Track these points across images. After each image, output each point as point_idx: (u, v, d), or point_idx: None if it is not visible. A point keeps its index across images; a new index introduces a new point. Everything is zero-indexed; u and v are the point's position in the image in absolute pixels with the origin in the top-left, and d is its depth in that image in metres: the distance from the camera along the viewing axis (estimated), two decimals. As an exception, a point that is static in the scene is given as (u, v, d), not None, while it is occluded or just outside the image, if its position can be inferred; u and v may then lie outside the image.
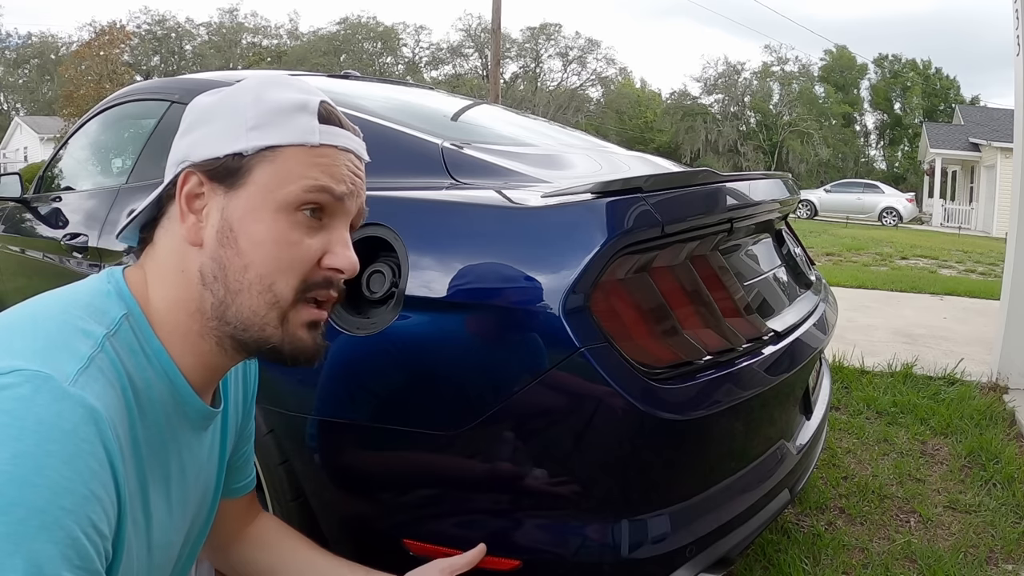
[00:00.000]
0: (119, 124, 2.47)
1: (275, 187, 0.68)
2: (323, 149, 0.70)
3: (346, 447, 1.18)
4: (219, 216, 0.69)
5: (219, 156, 0.69)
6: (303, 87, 0.73)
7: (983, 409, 2.77)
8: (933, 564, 1.73)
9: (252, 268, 0.67)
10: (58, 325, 0.62)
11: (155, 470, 0.68)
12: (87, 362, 0.60)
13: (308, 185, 0.68)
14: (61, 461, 0.54)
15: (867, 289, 6.01)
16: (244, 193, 0.68)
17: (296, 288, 0.69)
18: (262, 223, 0.68)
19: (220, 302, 0.68)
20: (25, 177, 2.71)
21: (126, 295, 0.69)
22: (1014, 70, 3.22)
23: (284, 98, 0.70)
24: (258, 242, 0.67)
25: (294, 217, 0.68)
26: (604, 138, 2.70)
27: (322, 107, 0.71)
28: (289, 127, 0.69)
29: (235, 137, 0.69)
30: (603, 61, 45.09)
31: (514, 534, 1.10)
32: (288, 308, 0.69)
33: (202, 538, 0.85)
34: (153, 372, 0.68)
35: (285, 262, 0.68)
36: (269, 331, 0.69)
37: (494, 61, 14.76)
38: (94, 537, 0.56)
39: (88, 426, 0.56)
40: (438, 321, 1.10)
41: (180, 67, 40.50)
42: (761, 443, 1.36)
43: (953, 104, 35.47)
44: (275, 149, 0.68)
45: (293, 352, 0.71)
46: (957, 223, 21.30)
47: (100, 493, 0.57)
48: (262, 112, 0.69)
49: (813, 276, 1.92)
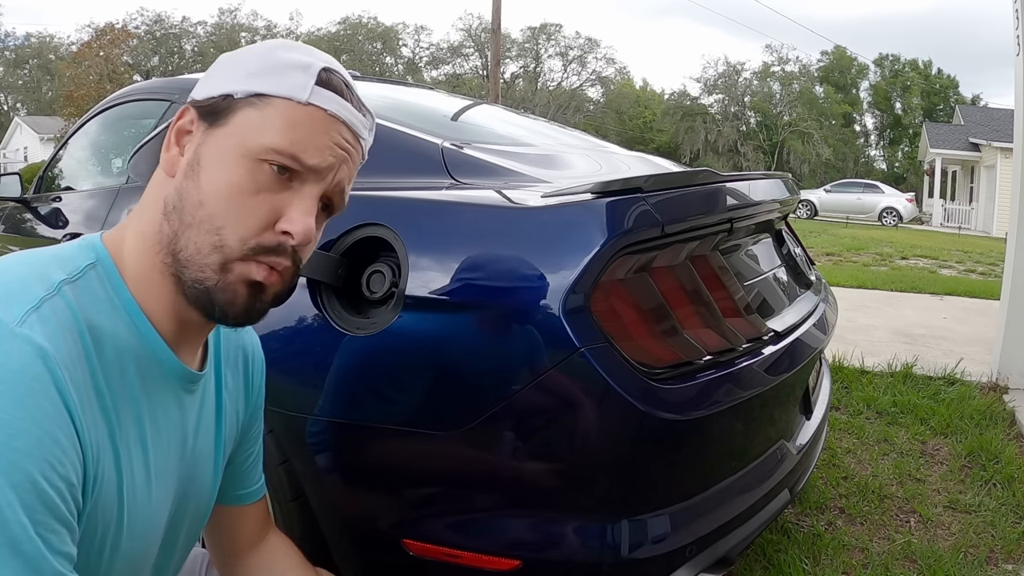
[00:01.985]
0: (119, 124, 2.47)
1: (249, 133, 0.67)
2: (311, 109, 0.68)
3: (346, 447, 1.18)
4: (193, 150, 0.68)
5: (213, 95, 0.69)
6: (314, 53, 0.72)
7: (983, 409, 2.77)
8: (933, 564, 1.73)
9: (205, 206, 0.66)
10: (18, 275, 0.61)
11: (127, 425, 0.66)
12: (38, 303, 0.58)
13: (277, 144, 0.66)
14: (12, 402, 0.53)
15: (867, 289, 6.02)
16: (221, 132, 0.68)
17: (243, 240, 0.66)
18: (224, 164, 0.67)
19: (173, 233, 0.67)
20: (25, 177, 2.71)
21: (97, 247, 0.68)
22: (1014, 70, 3.22)
23: (289, 56, 0.70)
24: (216, 181, 0.66)
25: (258, 167, 0.66)
26: (604, 138, 2.70)
27: (324, 71, 0.69)
28: (283, 80, 0.68)
29: (233, 80, 0.69)
30: (603, 61, 45.12)
31: (514, 534, 1.10)
32: (233, 258, 0.66)
33: (196, 527, 0.82)
34: (121, 322, 0.66)
35: (235, 210, 0.66)
36: (207, 273, 0.66)
37: (494, 61, 14.76)
38: (57, 482, 0.54)
39: (36, 365, 0.55)
40: (438, 321, 1.10)
41: (180, 67, 40.50)
42: (761, 443, 1.36)
43: (953, 104, 35.50)
44: (263, 97, 0.67)
45: (224, 304, 0.67)
46: (957, 223, 21.30)
47: (58, 435, 0.55)
48: (264, 63, 0.69)
49: (813, 276, 1.92)
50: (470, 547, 1.11)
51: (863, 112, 44.70)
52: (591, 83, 45.07)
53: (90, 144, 2.55)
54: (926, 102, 40.95)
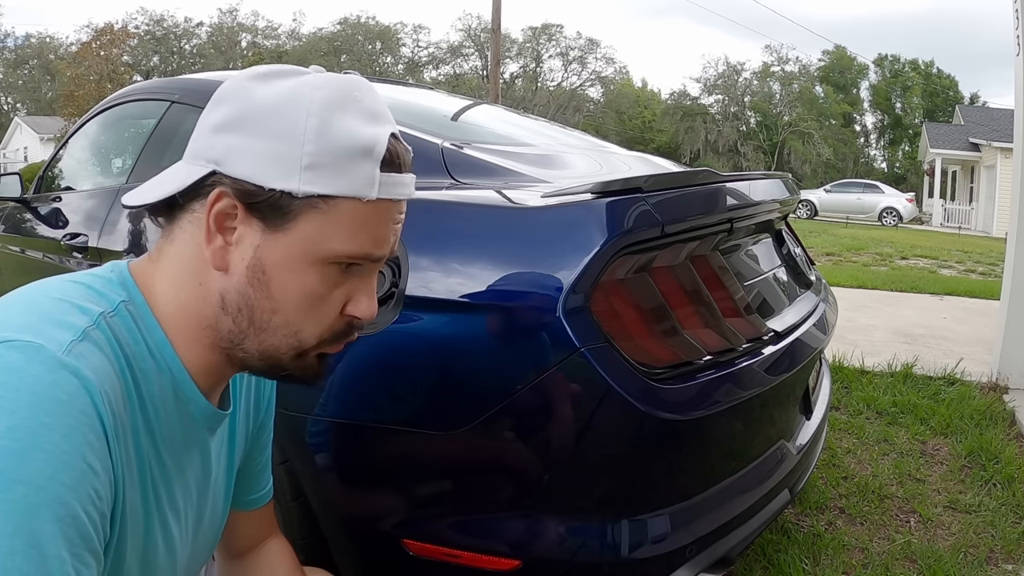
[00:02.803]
0: (119, 124, 2.47)
1: (318, 241, 0.63)
2: (379, 204, 0.64)
3: (346, 447, 1.18)
4: (252, 253, 0.64)
5: (263, 187, 0.61)
6: (374, 113, 0.65)
7: (983, 409, 2.77)
8: (933, 564, 1.73)
9: (280, 314, 0.66)
10: (54, 303, 0.60)
11: (155, 464, 0.66)
12: (82, 335, 0.58)
13: (350, 251, 0.64)
14: (59, 434, 0.52)
15: (867, 289, 6.01)
16: (285, 239, 0.63)
17: (319, 336, 0.68)
18: (296, 274, 0.64)
19: (241, 332, 0.67)
20: (25, 177, 2.71)
21: (129, 284, 0.66)
22: (1014, 70, 3.22)
23: (351, 135, 0.62)
24: (290, 292, 0.65)
25: (328, 269, 0.65)
26: (604, 138, 2.70)
27: (389, 153, 0.64)
28: (348, 176, 0.62)
29: (287, 172, 0.61)
30: (603, 61, 45.12)
31: (514, 534, 1.10)
32: (309, 348, 0.69)
33: (212, 549, 0.83)
34: (155, 364, 0.65)
35: (312, 315, 0.67)
36: (285, 361, 0.69)
37: (494, 61, 14.76)
38: (93, 515, 0.54)
39: (83, 397, 0.55)
40: (438, 321, 1.10)
41: (180, 67, 40.50)
42: (761, 443, 1.36)
43: (952, 103, 35.50)
44: (328, 199, 0.62)
45: (300, 377, 0.71)
46: (957, 223, 21.30)
47: (97, 467, 0.55)
48: (323, 149, 0.61)
49: (813, 276, 1.92)
50: (470, 547, 1.11)
51: (863, 112, 44.73)
52: (591, 83, 45.09)
53: (90, 144, 2.55)
54: (926, 102, 40.95)
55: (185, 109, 1.91)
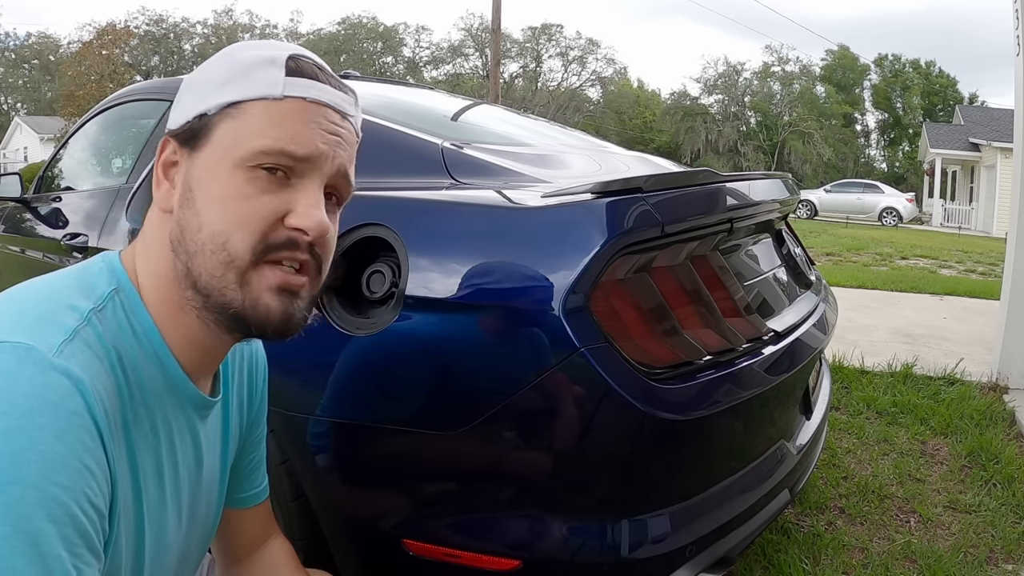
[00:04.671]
0: (119, 124, 2.47)
1: (233, 144, 0.64)
2: (287, 102, 0.65)
3: (346, 447, 1.18)
4: (182, 180, 0.66)
5: (188, 119, 0.67)
6: (277, 45, 0.69)
7: (983, 409, 2.77)
8: (933, 564, 1.73)
9: (205, 227, 0.64)
10: (44, 301, 0.60)
11: (145, 455, 0.66)
12: (72, 334, 0.58)
13: (263, 145, 0.64)
14: (53, 435, 0.52)
15: (867, 289, 6.01)
16: (205, 152, 0.66)
17: (252, 245, 0.64)
18: (217, 180, 0.64)
19: (185, 267, 0.65)
20: (25, 177, 2.71)
21: (118, 271, 0.67)
22: (1014, 70, 3.22)
23: (251, 54, 0.67)
24: (212, 199, 0.64)
25: (252, 174, 0.64)
26: (604, 138, 2.70)
27: (291, 60, 0.67)
28: (252, 81, 0.65)
29: (203, 98, 0.67)
30: (603, 61, 45.12)
31: (514, 534, 1.10)
32: (247, 268, 0.64)
33: (206, 543, 0.83)
34: (142, 352, 0.65)
35: (237, 217, 0.63)
36: (229, 295, 0.64)
37: (494, 61, 14.75)
38: (91, 514, 0.54)
39: (75, 398, 0.55)
40: (438, 321, 1.10)
41: (179, 67, 40.50)
42: (761, 443, 1.36)
43: (952, 103, 35.49)
44: (237, 105, 0.65)
45: (259, 320, 0.65)
46: (957, 223, 21.29)
47: (93, 467, 0.55)
48: (228, 70, 0.67)
49: (813, 276, 1.92)
50: (470, 547, 1.11)
51: (864, 112, 44.73)
52: (591, 83, 45.09)
53: (90, 144, 2.56)
54: (926, 102, 40.94)
55: (185, 109, 1.91)
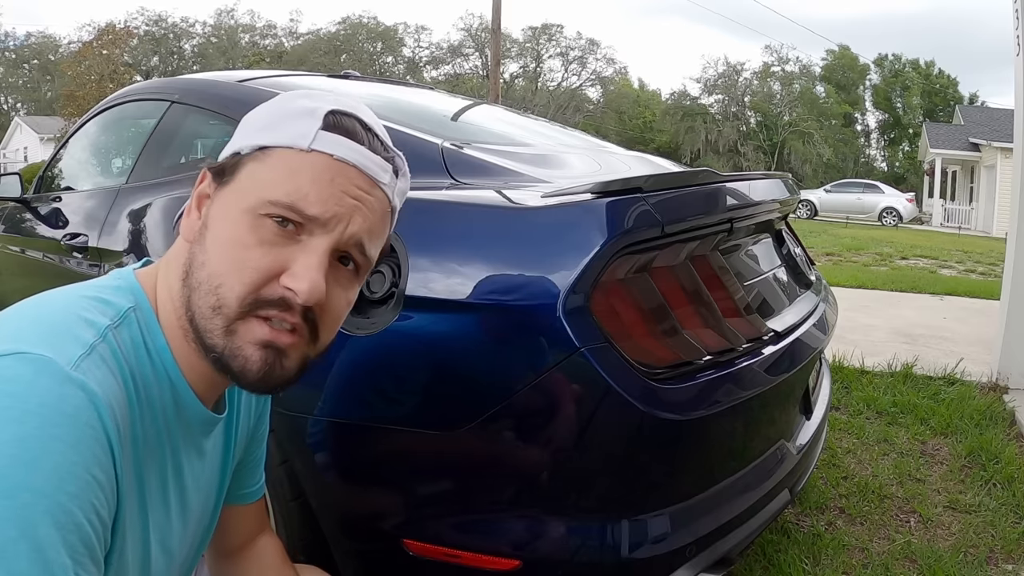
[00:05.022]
0: (119, 124, 2.47)
1: (250, 188, 0.64)
2: (313, 156, 0.64)
3: (347, 447, 1.18)
4: (206, 212, 0.67)
5: (227, 155, 0.68)
6: (328, 97, 0.68)
7: (983, 409, 2.77)
8: (933, 564, 1.73)
9: (206, 266, 0.64)
10: (63, 315, 0.61)
11: (151, 470, 0.67)
12: (89, 349, 0.59)
13: (275, 196, 0.62)
14: (67, 446, 0.53)
15: (867, 289, 6.01)
16: (226, 191, 0.66)
17: (242, 297, 0.62)
18: (226, 221, 0.64)
19: (187, 298, 0.65)
20: (25, 177, 2.71)
21: (135, 289, 0.68)
22: (1014, 70, 3.22)
23: (296, 103, 0.67)
24: (218, 239, 0.64)
25: (259, 222, 0.63)
26: (604, 138, 2.70)
27: (332, 115, 0.66)
28: (286, 128, 0.65)
29: (243, 137, 0.67)
30: (603, 61, 45.12)
31: (514, 534, 1.10)
32: (234, 317, 0.63)
33: (203, 547, 0.83)
34: (154, 370, 0.66)
35: (233, 264, 0.62)
36: (214, 339, 0.63)
37: (494, 61, 14.76)
38: (96, 524, 0.55)
39: (90, 411, 0.56)
40: (438, 321, 1.10)
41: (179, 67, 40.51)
42: (761, 443, 1.36)
43: (952, 103, 35.48)
44: (266, 149, 0.65)
45: (237, 369, 0.64)
46: (957, 223, 21.29)
47: (101, 480, 0.56)
48: (270, 114, 0.67)
49: (813, 276, 1.92)
50: (470, 547, 1.11)
51: (864, 112, 44.72)
52: (591, 83, 45.09)
53: (90, 144, 2.55)
54: (926, 102, 40.93)
55: (185, 109, 1.91)
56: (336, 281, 0.66)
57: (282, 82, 1.89)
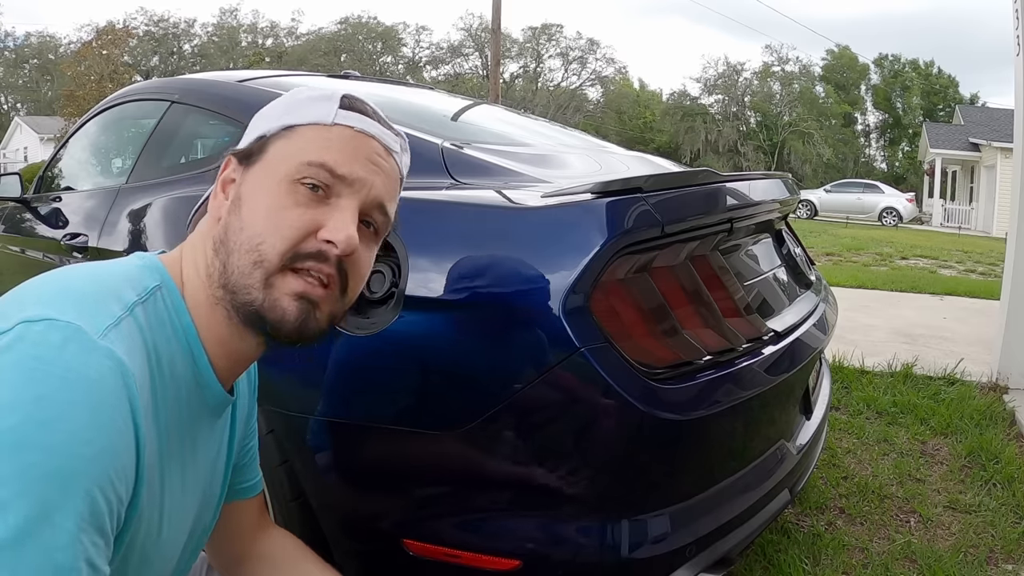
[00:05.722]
0: (119, 124, 2.47)
1: (282, 160, 0.71)
2: (337, 128, 0.72)
3: (346, 447, 1.18)
4: (235, 192, 0.72)
5: (250, 141, 0.74)
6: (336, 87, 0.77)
7: (983, 409, 2.77)
8: (933, 564, 1.73)
9: (246, 229, 0.69)
10: (92, 287, 0.63)
11: (172, 446, 0.68)
12: (116, 320, 0.61)
13: (308, 158, 0.70)
14: (86, 410, 0.54)
15: (867, 289, 6.01)
16: (257, 167, 0.72)
17: (282, 252, 0.68)
18: (263, 190, 0.70)
19: (223, 265, 0.69)
20: (25, 177, 2.71)
21: (161, 269, 0.71)
22: (1014, 70, 3.22)
23: (313, 92, 0.75)
24: (256, 206, 0.70)
25: (294, 187, 0.70)
26: (604, 138, 2.70)
27: (346, 97, 0.74)
28: (309, 109, 0.73)
29: (265, 124, 0.74)
30: (603, 61, 45.12)
31: (514, 534, 1.10)
32: (273, 271, 0.68)
33: (205, 536, 0.84)
34: (179, 347, 0.68)
35: (274, 223, 0.68)
36: (253, 292, 0.68)
37: (494, 61, 14.76)
38: (110, 495, 0.55)
39: (115, 378, 0.56)
40: (438, 321, 1.10)
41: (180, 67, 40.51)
42: (761, 443, 1.36)
43: (952, 103, 35.48)
44: (292, 128, 0.72)
45: (275, 320, 0.69)
46: (957, 223, 21.29)
47: (120, 450, 0.56)
48: (290, 103, 0.75)
49: (813, 276, 1.92)
50: (470, 547, 1.11)
51: (864, 112, 44.71)
52: (591, 83, 45.09)
53: (90, 144, 2.55)
54: (926, 102, 40.93)
55: (185, 109, 1.91)
56: (361, 240, 0.73)
57: (282, 82, 1.89)
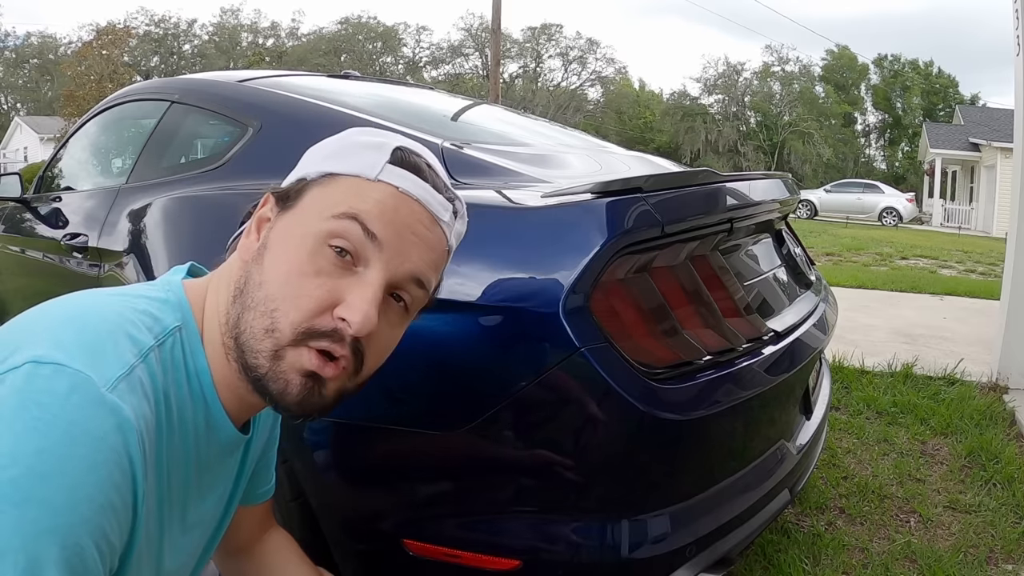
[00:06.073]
0: (119, 124, 2.47)
1: (316, 211, 0.65)
2: (380, 186, 0.65)
3: (346, 447, 1.18)
4: (266, 236, 0.68)
5: (292, 181, 0.69)
6: (393, 136, 0.70)
7: (983, 409, 2.77)
8: (933, 564, 1.73)
9: (264, 287, 0.64)
10: (110, 326, 0.61)
11: (175, 490, 0.67)
12: (128, 370, 0.59)
13: (338, 210, 0.64)
14: (86, 466, 0.53)
15: (867, 289, 6.01)
16: (290, 213, 0.67)
17: (296, 324, 0.63)
18: (287, 244, 0.65)
19: (237, 317, 0.65)
20: (25, 177, 2.71)
21: (184, 305, 0.68)
22: (1014, 70, 3.22)
23: (364, 138, 0.70)
24: (277, 262, 0.64)
25: (320, 249, 0.64)
26: (604, 138, 2.70)
27: (399, 150, 0.68)
28: (355, 159, 0.67)
29: (310, 166, 0.69)
30: (603, 61, 45.14)
31: (514, 534, 1.10)
32: (285, 343, 0.63)
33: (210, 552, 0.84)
34: (190, 391, 0.66)
35: (292, 290, 0.63)
36: (260, 359, 0.64)
37: (494, 61, 14.76)
38: (103, 547, 0.54)
39: (117, 436, 0.55)
40: (437, 321, 1.10)
41: (180, 67, 40.52)
42: (761, 443, 1.36)
43: (952, 103, 35.49)
44: (333, 176, 0.66)
45: (277, 393, 0.64)
46: (957, 223, 21.29)
47: (117, 505, 0.56)
48: (339, 146, 0.69)
49: (813, 276, 1.92)
50: (470, 547, 1.11)
51: (864, 112, 44.71)
52: (591, 83, 45.10)
53: (90, 144, 2.55)
54: (926, 102, 40.93)
55: (185, 109, 1.91)
56: (385, 316, 0.67)
57: (282, 82, 1.89)
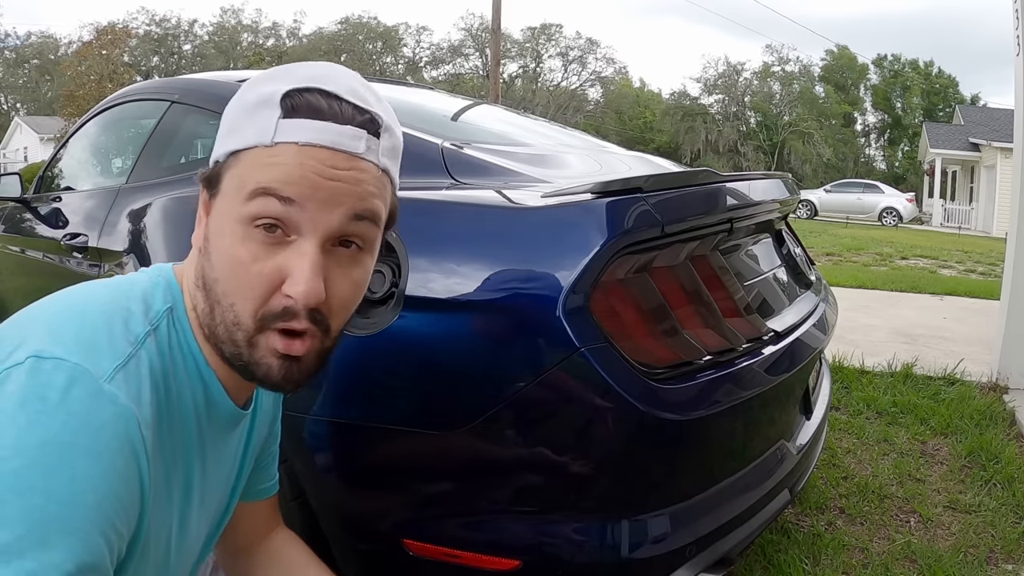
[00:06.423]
0: (119, 124, 2.48)
1: (232, 195, 0.63)
2: (279, 148, 0.61)
3: (346, 447, 1.18)
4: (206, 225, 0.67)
5: (212, 163, 0.67)
6: (287, 74, 0.64)
7: (983, 409, 2.77)
8: (933, 564, 1.73)
9: (220, 283, 0.64)
10: (105, 317, 0.62)
11: (180, 472, 0.68)
12: (125, 359, 0.60)
13: (249, 189, 0.61)
14: (88, 456, 0.54)
15: (867, 289, 6.01)
16: (218, 202, 0.65)
17: (252, 314, 0.62)
18: (223, 236, 0.63)
19: (208, 308, 0.65)
20: (25, 177, 2.71)
21: (174, 288, 0.69)
22: (1014, 70, 3.22)
23: (254, 93, 0.64)
24: (222, 256, 0.63)
25: (248, 233, 0.61)
26: (604, 138, 2.70)
27: (287, 97, 0.62)
28: (250, 126, 0.63)
29: (219, 143, 0.66)
30: (603, 61, 45.15)
31: (514, 534, 1.10)
32: (252, 332, 0.63)
33: (216, 536, 0.84)
34: (187, 371, 0.67)
35: (238, 283, 0.62)
36: (239, 348, 0.64)
37: (494, 61, 14.76)
38: (109, 535, 0.55)
39: (118, 424, 0.56)
40: (438, 321, 1.10)
41: (180, 67, 40.53)
42: (761, 443, 1.36)
43: (952, 103, 35.49)
44: (237, 154, 0.63)
45: (261, 376, 0.65)
46: (957, 223, 21.29)
47: (122, 493, 0.56)
48: (232, 114, 0.65)
49: (813, 276, 1.92)
50: (470, 547, 1.11)
51: (864, 112, 44.71)
52: (591, 83, 45.11)
53: (90, 144, 2.56)
54: (926, 102, 40.94)
55: (185, 109, 1.91)
56: (338, 266, 0.64)
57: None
